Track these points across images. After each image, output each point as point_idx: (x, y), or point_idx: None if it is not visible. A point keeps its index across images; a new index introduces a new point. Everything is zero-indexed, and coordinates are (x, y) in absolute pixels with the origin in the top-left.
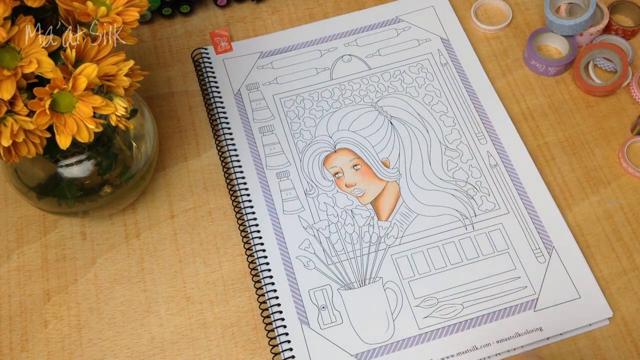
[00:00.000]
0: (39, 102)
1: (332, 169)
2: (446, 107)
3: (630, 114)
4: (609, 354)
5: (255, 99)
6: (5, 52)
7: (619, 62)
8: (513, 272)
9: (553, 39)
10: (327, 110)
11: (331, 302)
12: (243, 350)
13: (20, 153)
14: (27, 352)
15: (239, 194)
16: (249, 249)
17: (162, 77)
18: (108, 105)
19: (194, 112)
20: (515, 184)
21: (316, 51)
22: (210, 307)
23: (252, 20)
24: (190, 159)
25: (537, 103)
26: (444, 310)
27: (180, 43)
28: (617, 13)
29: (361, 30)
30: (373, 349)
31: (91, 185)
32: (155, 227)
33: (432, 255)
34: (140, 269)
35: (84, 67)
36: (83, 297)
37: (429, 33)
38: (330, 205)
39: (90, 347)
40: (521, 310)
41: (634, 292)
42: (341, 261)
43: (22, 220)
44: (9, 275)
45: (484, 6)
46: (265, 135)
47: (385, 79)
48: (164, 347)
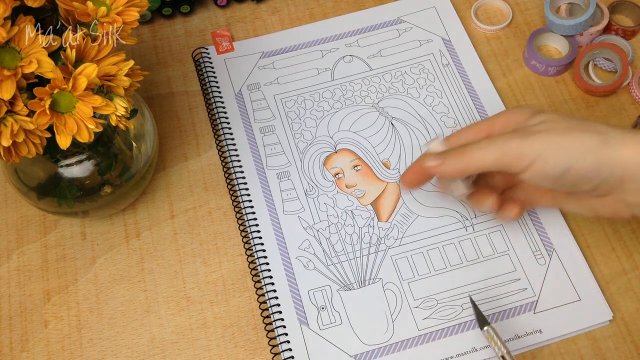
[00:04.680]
0: (39, 102)
1: (333, 170)
2: (447, 108)
3: (630, 114)
4: (609, 354)
5: (256, 99)
6: (5, 52)
7: (619, 62)
8: (513, 273)
9: (553, 39)
10: (328, 110)
11: (331, 302)
12: (243, 350)
13: (20, 153)
14: (27, 352)
15: (239, 194)
16: (249, 249)
17: (162, 77)
18: (108, 105)
19: (194, 112)
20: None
21: (317, 51)
22: (210, 307)
23: (252, 20)
24: (190, 159)
25: (537, 103)
26: (444, 312)
27: (180, 43)
28: (617, 13)
29: (363, 30)
30: (372, 349)
31: (91, 185)
32: (155, 227)
33: (432, 256)
34: (140, 269)
35: (84, 67)
36: (83, 297)
37: (431, 34)
38: (331, 206)
39: (90, 347)
40: (521, 312)
41: (634, 292)
42: (341, 262)
43: (22, 220)
44: (9, 275)
45: (484, 6)
46: (266, 135)
47: (387, 80)
48: (164, 347)
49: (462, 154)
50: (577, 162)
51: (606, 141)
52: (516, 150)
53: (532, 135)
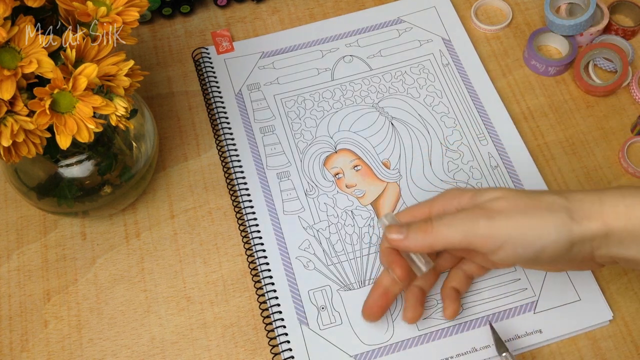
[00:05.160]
0: (39, 102)
1: (333, 170)
2: (447, 108)
3: (630, 114)
4: (609, 354)
5: (256, 99)
6: (5, 52)
7: (619, 62)
8: (513, 274)
9: (553, 39)
10: (328, 110)
11: (331, 302)
12: (243, 350)
13: (20, 153)
14: (27, 352)
15: (239, 194)
16: (249, 249)
17: (162, 77)
18: (108, 105)
19: (194, 112)
20: (516, 185)
21: (317, 51)
22: (210, 307)
23: (252, 20)
24: (190, 159)
25: (537, 103)
26: None
27: (180, 43)
28: (617, 13)
29: (363, 30)
30: (372, 350)
31: (91, 185)
32: (155, 227)
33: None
34: (140, 269)
35: (84, 67)
36: (83, 297)
37: (431, 34)
38: (331, 206)
39: (90, 347)
40: (521, 312)
41: (634, 292)
42: (341, 262)
43: (22, 220)
44: (9, 275)
45: (484, 6)
46: (266, 135)
47: (387, 80)
48: (164, 347)
49: (428, 230)
50: (550, 244)
51: (572, 217)
52: (485, 232)
53: (497, 216)
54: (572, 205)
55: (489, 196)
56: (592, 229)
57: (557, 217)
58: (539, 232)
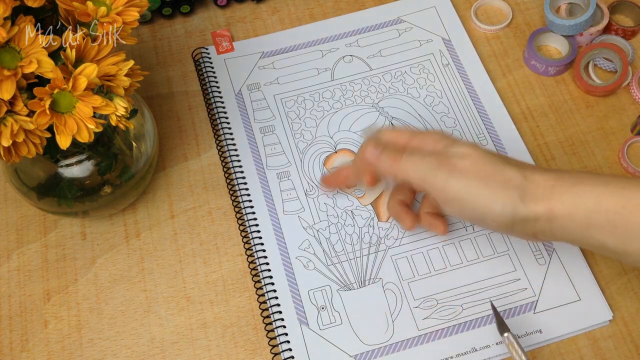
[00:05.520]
0: (39, 102)
1: (333, 170)
2: (447, 108)
3: (630, 114)
4: (609, 354)
5: (256, 99)
6: (5, 52)
7: (619, 62)
8: (513, 273)
9: (553, 39)
10: (328, 110)
11: (331, 302)
12: (243, 350)
13: (20, 153)
14: (27, 352)
15: (239, 194)
16: (249, 249)
17: (162, 77)
18: (108, 105)
19: (194, 112)
20: None
21: (317, 51)
22: (210, 307)
23: (252, 20)
24: (190, 159)
25: (537, 103)
26: (444, 312)
27: (180, 43)
28: (617, 13)
29: (363, 30)
30: (372, 350)
31: (91, 185)
32: (155, 227)
33: (432, 256)
34: (140, 269)
35: (84, 67)
36: (83, 297)
37: (431, 34)
38: (331, 206)
39: (90, 347)
40: (521, 312)
41: (634, 292)
42: (341, 262)
43: (22, 220)
44: (9, 275)
45: (484, 6)
46: (266, 135)
47: (387, 80)
48: (164, 347)
49: (396, 160)
50: (493, 216)
51: (521, 198)
52: (440, 184)
53: (456, 174)
54: (527, 185)
55: (459, 150)
56: (537, 212)
57: (507, 194)
58: (485, 202)
